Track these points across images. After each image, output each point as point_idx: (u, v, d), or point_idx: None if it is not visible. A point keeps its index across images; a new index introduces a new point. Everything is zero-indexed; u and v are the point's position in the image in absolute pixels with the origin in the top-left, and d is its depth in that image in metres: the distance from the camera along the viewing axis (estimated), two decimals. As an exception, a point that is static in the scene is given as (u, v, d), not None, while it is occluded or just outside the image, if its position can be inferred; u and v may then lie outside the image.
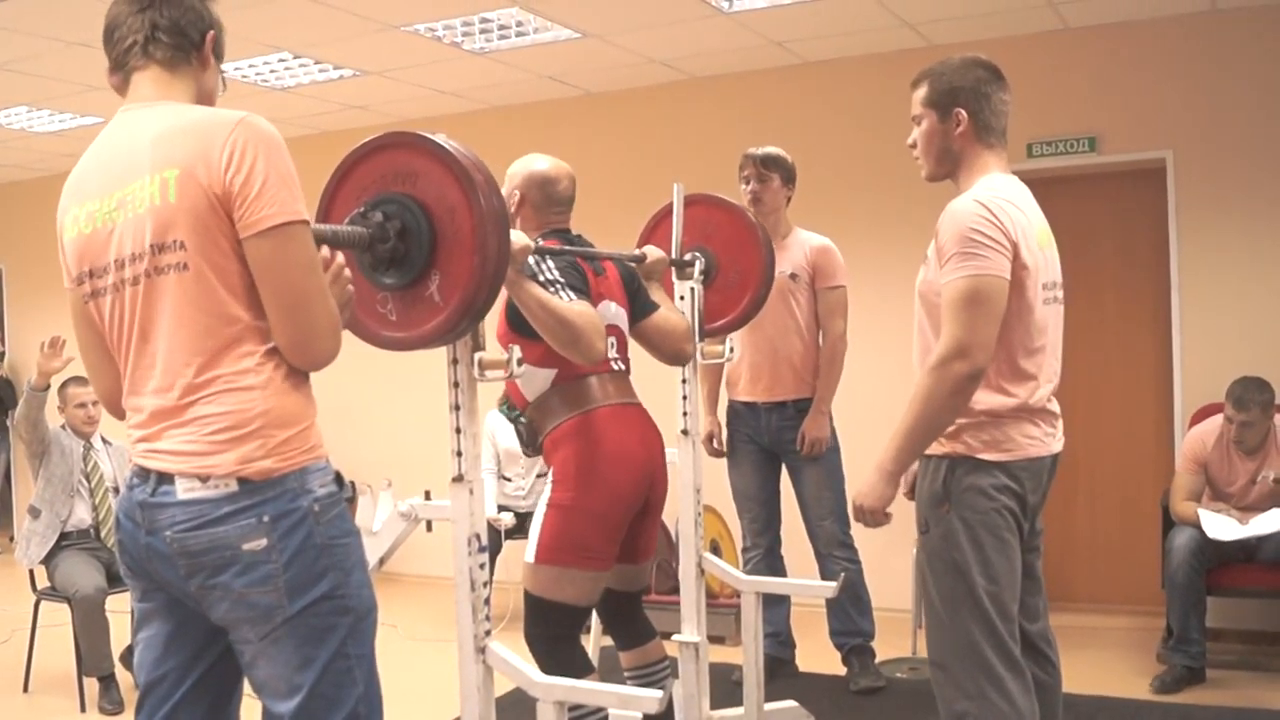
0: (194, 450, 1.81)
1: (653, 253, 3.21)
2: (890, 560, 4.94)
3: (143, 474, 1.88)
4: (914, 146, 2.65)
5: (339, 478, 1.92)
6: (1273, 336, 4.93)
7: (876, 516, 2.53)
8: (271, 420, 1.83)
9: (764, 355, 4.33)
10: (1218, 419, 4.53)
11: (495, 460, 5.63)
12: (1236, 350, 4.87)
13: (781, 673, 4.40)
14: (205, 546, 1.81)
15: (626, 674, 3.18)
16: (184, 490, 1.81)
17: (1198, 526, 4.33)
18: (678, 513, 3.54)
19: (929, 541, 2.54)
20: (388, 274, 2.23)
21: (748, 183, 4.28)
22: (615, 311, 3.05)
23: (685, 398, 3.48)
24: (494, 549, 5.23)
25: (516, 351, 2.46)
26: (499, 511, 5.44)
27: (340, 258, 2.03)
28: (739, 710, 3.58)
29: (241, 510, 1.80)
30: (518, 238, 2.51)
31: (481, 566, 2.52)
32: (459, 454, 2.44)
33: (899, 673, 4.45)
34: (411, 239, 2.19)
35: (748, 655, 3.53)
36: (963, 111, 2.55)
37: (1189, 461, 4.55)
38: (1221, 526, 4.30)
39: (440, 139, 2.21)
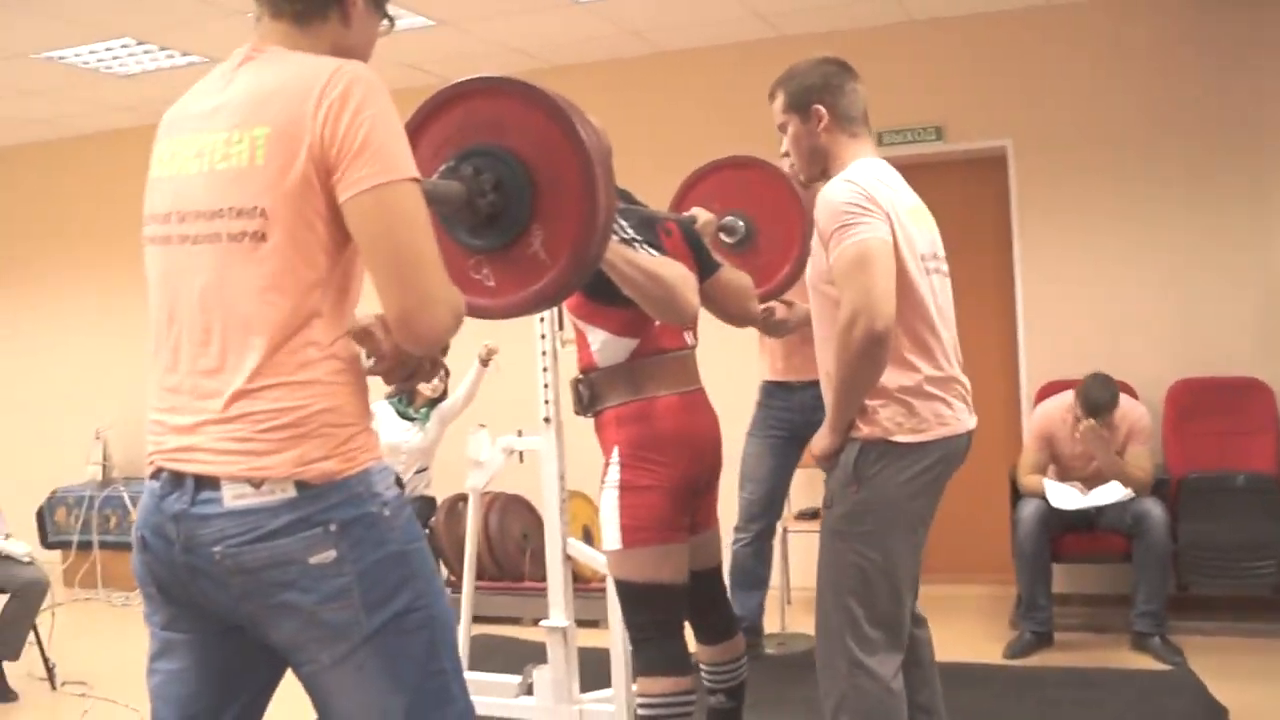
0: (243, 450, 1.58)
1: (701, 214, 3.09)
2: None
3: (174, 480, 1.63)
4: (787, 155, 2.70)
5: (399, 479, 1.73)
6: (1108, 315, 5.19)
7: (821, 463, 2.61)
8: (333, 418, 1.62)
9: (796, 332, 4.02)
10: (1065, 396, 4.71)
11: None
12: (1075, 329, 5.11)
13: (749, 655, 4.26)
14: (265, 562, 1.58)
15: (704, 669, 2.99)
16: (232, 498, 1.58)
17: (1043, 498, 4.53)
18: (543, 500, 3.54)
19: (829, 518, 2.56)
20: (483, 234, 2.04)
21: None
22: None
23: (546, 385, 3.48)
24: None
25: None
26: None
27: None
28: (608, 692, 3.60)
29: (304, 519, 1.58)
30: None
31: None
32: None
33: (769, 649, 4.52)
34: (509, 193, 1.99)
35: (614, 638, 3.55)
36: (820, 107, 2.60)
37: (1036, 438, 4.74)
38: (1065, 496, 4.51)
39: (525, 81, 2.03)
